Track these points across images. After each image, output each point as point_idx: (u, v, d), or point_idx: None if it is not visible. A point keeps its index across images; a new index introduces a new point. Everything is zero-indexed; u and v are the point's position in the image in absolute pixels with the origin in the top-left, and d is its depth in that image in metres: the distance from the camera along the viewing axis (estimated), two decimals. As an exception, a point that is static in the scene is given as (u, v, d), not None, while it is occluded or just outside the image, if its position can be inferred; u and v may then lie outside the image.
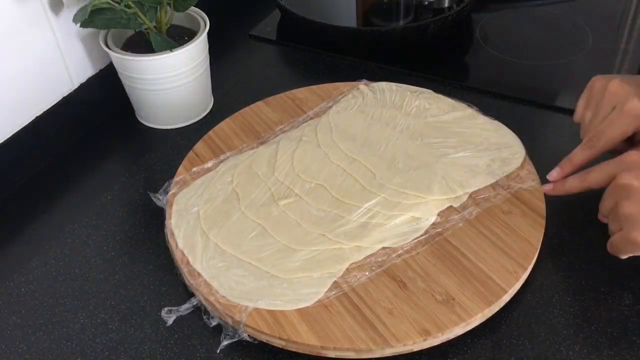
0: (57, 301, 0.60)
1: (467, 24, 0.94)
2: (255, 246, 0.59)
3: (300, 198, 0.64)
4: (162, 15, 0.73)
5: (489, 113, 0.73)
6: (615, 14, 0.95)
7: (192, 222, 0.62)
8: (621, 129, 0.58)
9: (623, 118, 0.57)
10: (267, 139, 0.72)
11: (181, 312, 0.57)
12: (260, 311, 0.54)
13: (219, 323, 0.55)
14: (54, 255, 0.64)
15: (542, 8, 0.97)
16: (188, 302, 0.57)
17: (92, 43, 0.78)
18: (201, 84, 0.79)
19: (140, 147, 0.77)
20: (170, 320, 0.56)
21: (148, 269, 0.62)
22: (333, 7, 1.01)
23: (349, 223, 0.61)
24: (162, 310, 0.57)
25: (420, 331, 0.52)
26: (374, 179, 0.65)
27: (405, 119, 0.72)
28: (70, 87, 0.78)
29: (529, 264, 0.57)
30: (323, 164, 0.67)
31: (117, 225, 0.67)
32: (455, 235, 0.60)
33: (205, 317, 0.56)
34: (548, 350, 0.53)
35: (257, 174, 0.67)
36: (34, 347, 0.56)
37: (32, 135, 0.73)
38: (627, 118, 0.57)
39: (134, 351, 0.55)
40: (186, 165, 0.69)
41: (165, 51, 0.72)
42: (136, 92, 0.77)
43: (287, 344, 0.52)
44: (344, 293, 0.55)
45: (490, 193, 0.63)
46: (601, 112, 0.60)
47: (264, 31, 0.96)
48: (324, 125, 0.72)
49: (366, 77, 0.80)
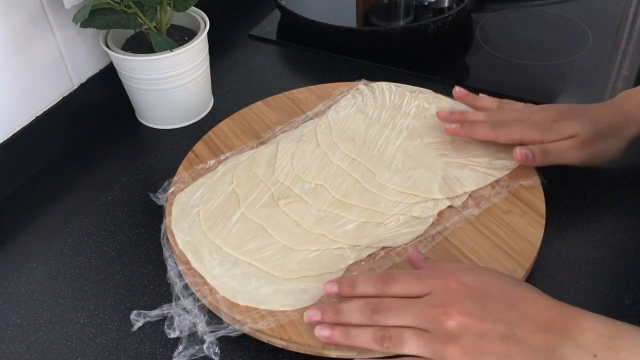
0: (57, 301, 0.60)
1: (467, 24, 0.94)
2: (255, 246, 0.59)
3: (300, 198, 0.64)
4: (162, 15, 0.73)
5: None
6: (615, 14, 0.95)
7: (192, 222, 0.62)
8: (522, 135, 0.64)
9: (529, 129, 0.64)
10: (267, 139, 0.72)
11: (150, 318, 0.57)
12: (261, 311, 0.54)
13: (178, 336, 0.54)
14: (54, 255, 0.64)
15: (542, 8, 0.97)
16: (159, 308, 0.57)
17: (92, 43, 0.78)
18: (201, 84, 0.79)
19: (140, 147, 0.77)
20: (137, 325, 0.56)
21: (148, 269, 0.62)
22: (333, 7, 1.01)
23: (349, 223, 0.61)
24: (132, 313, 0.57)
25: (421, 331, 0.52)
26: (374, 179, 0.65)
27: (405, 119, 0.72)
28: (70, 87, 0.78)
29: (529, 264, 0.57)
30: (323, 164, 0.67)
31: (117, 225, 0.67)
32: (455, 235, 0.60)
33: (166, 327, 0.55)
34: (548, 350, 0.53)
35: (256, 174, 0.67)
36: (34, 347, 0.56)
37: (32, 135, 0.73)
38: (532, 131, 0.63)
39: (134, 351, 0.55)
40: (186, 166, 0.69)
41: (165, 51, 0.72)
42: (136, 92, 0.77)
43: (288, 344, 0.52)
44: (344, 293, 0.55)
45: (490, 192, 0.63)
46: (518, 114, 0.66)
47: (264, 31, 0.96)
48: (324, 125, 0.72)
49: (366, 77, 0.80)
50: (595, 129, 0.62)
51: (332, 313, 0.50)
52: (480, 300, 0.47)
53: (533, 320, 0.46)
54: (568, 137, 0.62)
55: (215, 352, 0.53)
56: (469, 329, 0.46)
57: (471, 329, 0.46)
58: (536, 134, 0.63)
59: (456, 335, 0.46)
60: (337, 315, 0.50)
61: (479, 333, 0.46)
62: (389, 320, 0.48)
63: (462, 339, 0.46)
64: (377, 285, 0.50)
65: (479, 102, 0.70)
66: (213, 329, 0.54)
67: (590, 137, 0.62)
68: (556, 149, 0.62)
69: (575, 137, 0.62)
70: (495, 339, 0.46)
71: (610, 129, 0.63)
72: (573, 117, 0.63)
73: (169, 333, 0.55)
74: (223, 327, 0.54)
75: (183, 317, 0.55)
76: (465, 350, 0.46)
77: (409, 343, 0.47)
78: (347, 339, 0.49)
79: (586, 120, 0.62)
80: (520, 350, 0.45)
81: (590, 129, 0.62)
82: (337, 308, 0.51)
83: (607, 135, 0.63)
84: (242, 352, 0.54)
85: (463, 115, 0.68)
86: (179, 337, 0.54)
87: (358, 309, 0.50)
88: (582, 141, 0.62)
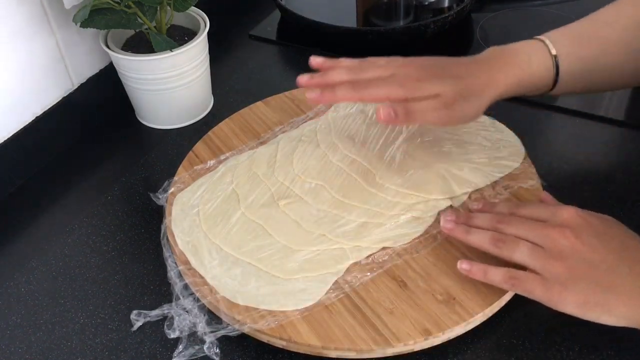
0: (57, 301, 0.60)
1: (467, 24, 0.94)
2: (255, 246, 0.59)
3: (300, 198, 0.63)
4: (162, 15, 0.73)
5: (488, 113, 0.72)
6: (615, 14, 0.95)
7: (192, 222, 0.62)
8: (387, 94, 0.60)
9: (394, 87, 0.60)
10: (267, 139, 0.72)
11: (150, 318, 0.57)
12: (261, 311, 0.54)
13: (178, 336, 0.54)
14: (54, 255, 0.64)
15: (542, 8, 0.97)
16: (159, 308, 0.57)
17: (92, 43, 0.78)
18: (201, 84, 0.79)
19: (140, 147, 0.77)
20: (137, 325, 0.56)
21: (148, 269, 0.62)
22: (333, 7, 1.01)
23: (349, 223, 0.61)
24: (132, 313, 0.57)
25: (421, 331, 0.52)
26: (374, 179, 0.65)
27: (405, 119, 0.72)
28: (70, 87, 0.78)
29: (529, 264, 0.57)
30: (323, 163, 0.67)
31: (117, 225, 0.67)
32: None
33: (166, 327, 0.55)
34: (548, 350, 0.53)
35: (256, 174, 0.67)
36: (34, 347, 0.56)
37: (32, 135, 0.73)
38: (398, 89, 0.60)
39: (134, 351, 0.55)
40: (186, 166, 0.69)
41: (165, 51, 0.72)
42: (136, 92, 0.77)
43: (288, 344, 0.52)
44: (345, 293, 0.55)
45: (490, 193, 0.63)
46: (381, 70, 0.62)
47: (264, 31, 0.96)
48: (324, 125, 0.72)
49: (366, 77, 0.80)
50: (458, 89, 0.59)
51: (464, 216, 0.58)
52: (599, 234, 0.51)
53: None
54: (432, 96, 0.59)
55: (215, 352, 0.53)
56: (580, 253, 0.49)
57: (582, 254, 0.49)
58: (401, 91, 0.59)
59: (566, 255, 0.50)
60: (467, 219, 0.57)
61: (588, 259, 0.49)
62: (510, 229, 0.53)
63: (570, 259, 0.49)
64: (511, 208, 0.57)
65: (341, 64, 0.64)
66: (213, 329, 0.54)
67: (453, 96, 0.59)
68: (420, 108, 0.59)
69: (439, 96, 0.59)
70: (602, 270, 0.49)
71: (473, 89, 0.60)
72: (438, 77, 0.60)
73: (169, 333, 0.55)
74: (223, 327, 0.54)
75: (183, 317, 0.55)
76: (570, 270, 0.49)
77: (521, 250, 0.51)
78: (467, 235, 0.55)
79: (450, 79, 0.60)
80: (622, 284, 0.48)
81: (454, 88, 0.59)
82: (469, 215, 0.58)
83: (469, 95, 0.60)
84: (242, 352, 0.54)
85: (324, 77, 0.62)
86: (179, 337, 0.54)
87: (487, 217, 0.56)
88: (445, 101, 0.59)
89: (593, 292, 0.48)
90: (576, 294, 0.49)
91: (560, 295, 0.49)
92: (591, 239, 0.50)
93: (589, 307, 0.49)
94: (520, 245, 0.52)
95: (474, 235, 0.55)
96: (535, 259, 0.50)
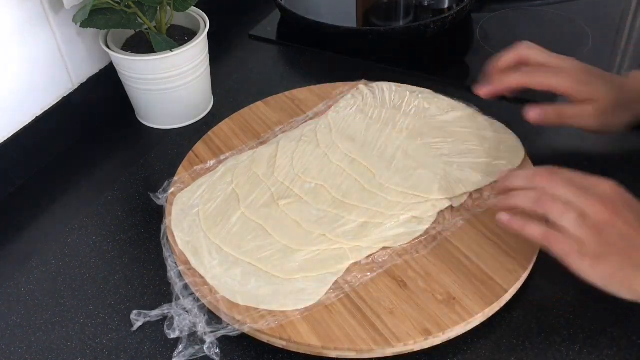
0: (57, 301, 0.60)
1: (467, 24, 0.94)
2: (255, 246, 0.59)
3: (300, 198, 0.64)
4: (162, 15, 0.73)
5: (488, 113, 0.73)
6: (615, 14, 0.95)
7: (192, 222, 0.62)
8: (555, 82, 0.62)
9: (559, 75, 0.63)
10: (267, 139, 0.72)
11: (150, 318, 0.57)
12: (261, 311, 0.54)
13: (178, 336, 0.54)
14: (54, 255, 0.64)
15: (542, 8, 0.97)
16: (159, 308, 0.57)
17: (92, 43, 0.78)
18: (201, 84, 0.79)
19: (140, 147, 0.77)
20: (137, 325, 0.56)
21: (148, 269, 0.62)
22: (333, 7, 1.01)
23: (349, 223, 0.61)
24: (132, 313, 0.57)
25: (421, 331, 0.52)
26: (374, 179, 0.65)
27: (405, 118, 0.72)
28: (70, 87, 0.78)
29: (529, 264, 0.57)
30: (323, 164, 0.67)
31: (117, 225, 0.67)
32: (455, 235, 0.60)
33: (166, 327, 0.55)
34: (548, 350, 0.53)
35: (257, 174, 0.67)
36: (34, 347, 0.56)
37: (32, 135, 0.73)
38: (563, 79, 0.62)
39: (134, 351, 0.55)
40: (186, 166, 0.69)
41: (165, 51, 0.72)
42: (136, 92, 0.77)
43: (288, 344, 0.52)
44: (345, 293, 0.55)
45: (491, 193, 0.63)
46: (552, 61, 0.64)
47: (264, 31, 0.96)
48: (324, 125, 0.72)
49: (366, 77, 0.80)
50: (615, 98, 0.62)
51: (506, 177, 0.57)
52: (635, 211, 0.51)
53: None
54: (589, 100, 0.62)
55: (215, 352, 0.53)
56: (617, 229, 0.50)
57: (619, 230, 0.50)
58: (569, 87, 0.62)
59: (602, 228, 0.50)
60: (508, 180, 0.56)
61: (625, 234, 0.49)
62: (553, 191, 0.52)
63: (607, 234, 0.50)
64: (551, 170, 0.56)
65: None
66: (213, 329, 0.54)
67: (610, 104, 0.62)
68: (576, 113, 0.62)
69: (596, 101, 0.62)
70: (636, 246, 0.49)
71: (625, 101, 0.63)
72: (595, 80, 0.62)
73: (169, 333, 0.55)
74: (223, 327, 0.54)
75: (183, 317, 0.55)
76: (607, 242, 0.49)
77: (561, 209, 0.51)
78: (509, 199, 0.55)
79: (608, 86, 0.62)
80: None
81: (612, 96, 0.62)
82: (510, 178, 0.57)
83: (621, 107, 0.62)
84: (242, 352, 0.54)
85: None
86: (179, 337, 0.54)
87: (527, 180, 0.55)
88: (601, 107, 0.62)
89: (623, 268, 0.49)
90: (607, 267, 0.49)
91: (591, 265, 0.50)
92: (630, 216, 0.50)
93: (615, 280, 0.50)
94: (561, 205, 0.51)
95: (516, 197, 0.54)
96: (580, 227, 0.50)
